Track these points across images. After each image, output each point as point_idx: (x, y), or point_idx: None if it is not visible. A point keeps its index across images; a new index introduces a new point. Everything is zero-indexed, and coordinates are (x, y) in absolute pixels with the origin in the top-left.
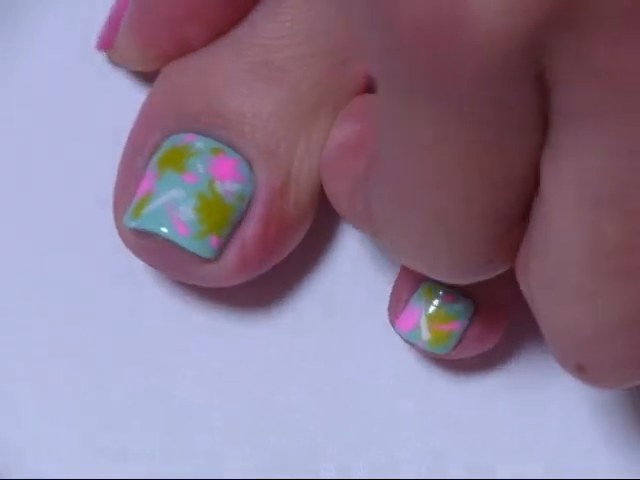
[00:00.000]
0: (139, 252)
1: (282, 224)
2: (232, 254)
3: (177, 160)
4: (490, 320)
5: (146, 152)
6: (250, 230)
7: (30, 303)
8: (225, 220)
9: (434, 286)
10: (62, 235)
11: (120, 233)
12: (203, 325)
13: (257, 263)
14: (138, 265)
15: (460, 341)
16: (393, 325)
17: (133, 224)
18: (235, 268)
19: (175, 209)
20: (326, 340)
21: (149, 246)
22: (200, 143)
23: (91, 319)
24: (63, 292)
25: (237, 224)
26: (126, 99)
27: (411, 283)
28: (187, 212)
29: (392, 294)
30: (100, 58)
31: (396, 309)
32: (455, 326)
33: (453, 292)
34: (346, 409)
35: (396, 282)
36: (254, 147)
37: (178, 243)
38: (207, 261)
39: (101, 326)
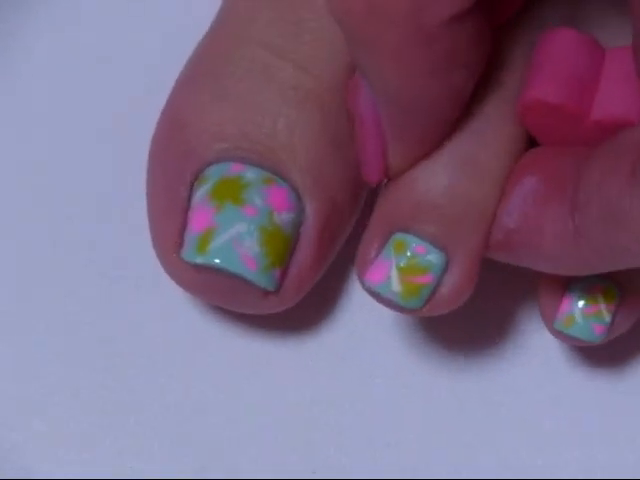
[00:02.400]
0: (194, 286)
1: (330, 246)
2: (290, 284)
3: (234, 193)
4: (462, 275)
5: (187, 180)
6: (305, 258)
7: (29, 303)
8: (285, 251)
9: (405, 238)
10: (62, 235)
11: (168, 267)
12: (205, 325)
13: (309, 287)
14: (139, 267)
15: (432, 295)
16: (362, 280)
17: (199, 260)
18: (293, 297)
19: (241, 244)
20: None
21: (208, 280)
22: (250, 173)
23: (91, 319)
24: (62, 291)
25: (292, 252)
26: (126, 99)
27: (381, 236)
28: (253, 246)
29: (360, 248)
30: (99, 59)
31: (364, 262)
32: (427, 279)
33: (425, 244)
34: (349, 411)
35: (364, 236)
36: (299, 174)
37: (246, 277)
38: (268, 293)
39: (101, 325)
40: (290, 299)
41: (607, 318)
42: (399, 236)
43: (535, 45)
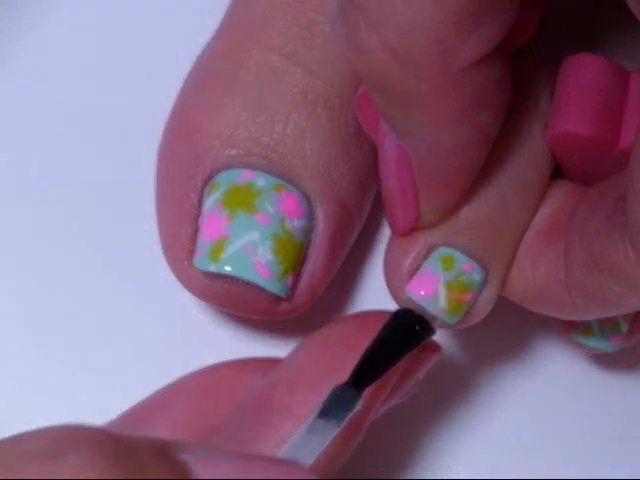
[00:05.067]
0: (206, 293)
1: (341, 250)
2: (303, 290)
3: (245, 200)
4: (494, 294)
5: (197, 187)
6: (317, 265)
7: (30, 304)
8: (298, 258)
9: (452, 253)
10: (68, 239)
11: (180, 274)
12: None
13: (321, 292)
14: (148, 272)
15: (467, 312)
16: (401, 289)
17: (212, 268)
18: (305, 303)
19: (254, 252)
20: None
21: (221, 287)
22: (261, 180)
23: (95, 322)
24: (65, 294)
25: (304, 259)
26: (132, 101)
27: (422, 246)
28: (266, 254)
29: (392, 254)
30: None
31: (402, 270)
32: (469, 297)
33: (472, 262)
34: None
35: (397, 243)
36: (309, 179)
37: (260, 285)
38: (281, 299)
39: (105, 329)
40: (302, 305)
41: (624, 328)
42: (445, 250)
43: (560, 71)
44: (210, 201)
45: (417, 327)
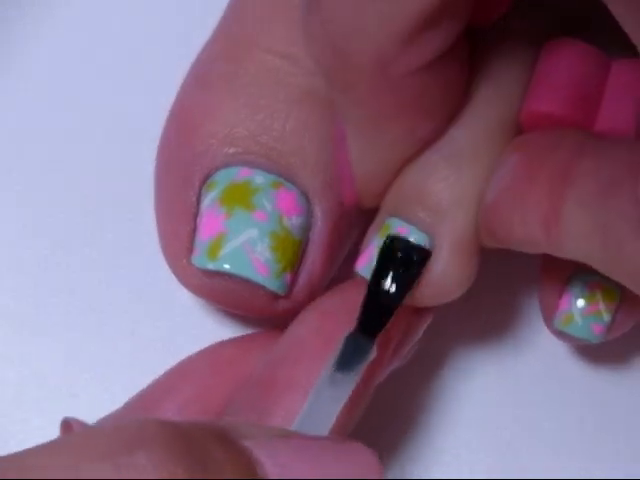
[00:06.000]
0: (204, 291)
1: (340, 248)
2: (301, 288)
3: (243, 198)
4: (453, 259)
5: (195, 185)
6: (316, 263)
7: (30, 303)
8: (296, 256)
9: (391, 222)
10: (67, 238)
11: (178, 272)
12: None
13: (320, 290)
14: (146, 271)
15: (419, 281)
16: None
17: (210, 266)
18: (304, 301)
19: (252, 249)
20: None
21: (219, 285)
22: (259, 178)
23: (94, 322)
24: (65, 293)
25: (302, 256)
26: (130, 101)
27: (376, 226)
28: (264, 252)
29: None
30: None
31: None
32: None
33: (408, 226)
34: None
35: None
36: (308, 177)
37: (258, 283)
38: (279, 297)
39: (103, 328)
40: (301, 303)
41: (606, 317)
42: (387, 221)
43: (541, 55)
44: (208, 199)
45: (414, 256)
